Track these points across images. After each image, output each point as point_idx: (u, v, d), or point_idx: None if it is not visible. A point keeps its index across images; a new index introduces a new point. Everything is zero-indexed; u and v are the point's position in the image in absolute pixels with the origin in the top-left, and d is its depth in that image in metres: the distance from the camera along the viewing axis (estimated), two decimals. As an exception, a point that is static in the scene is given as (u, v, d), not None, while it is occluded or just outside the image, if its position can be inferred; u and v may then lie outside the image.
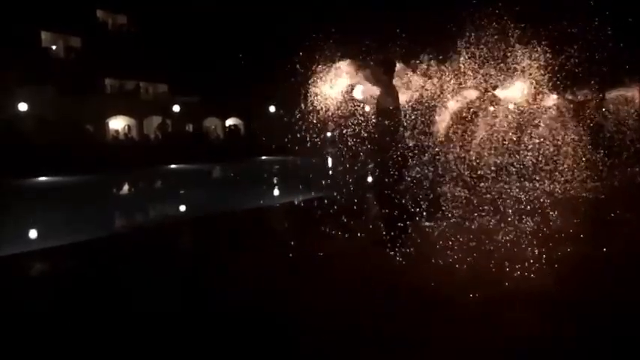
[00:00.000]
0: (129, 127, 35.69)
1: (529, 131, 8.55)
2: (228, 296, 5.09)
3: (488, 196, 8.30)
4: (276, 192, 18.08)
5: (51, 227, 11.89)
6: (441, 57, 7.30)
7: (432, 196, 7.69)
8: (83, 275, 6.41)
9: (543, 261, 5.36)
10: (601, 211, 8.07)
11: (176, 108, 37.38)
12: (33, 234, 11.61)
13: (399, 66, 6.89)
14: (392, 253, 5.83)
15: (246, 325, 4.28)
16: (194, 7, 35.26)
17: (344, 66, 7.30)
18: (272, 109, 41.99)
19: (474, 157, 8.37)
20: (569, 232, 6.52)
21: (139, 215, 14.90)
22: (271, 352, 3.82)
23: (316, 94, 7.47)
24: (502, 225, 6.89)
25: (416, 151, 7.15)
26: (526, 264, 5.22)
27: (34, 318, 4.85)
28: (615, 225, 7.17)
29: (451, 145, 8.31)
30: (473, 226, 7.06)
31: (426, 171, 7.82)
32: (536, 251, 5.70)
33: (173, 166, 30.11)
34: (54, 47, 33.06)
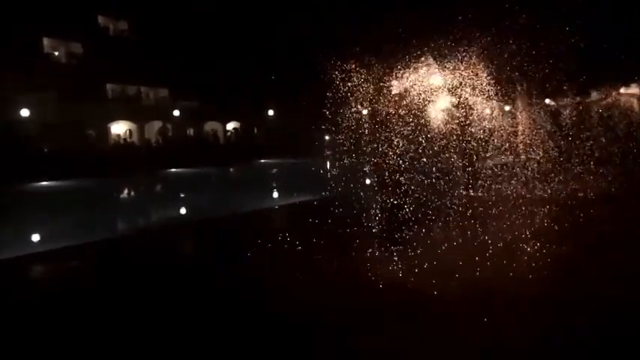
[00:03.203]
0: (130, 131, 35.94)
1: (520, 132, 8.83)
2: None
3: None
4: (276, 194, 18.25)
5: (55, 230, 12.05)
6: (438, 63, 7.50)
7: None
8: (86, 275, 6.61)
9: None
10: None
11: (177, 112, 37.62)
12: (37, 237, 11.79)
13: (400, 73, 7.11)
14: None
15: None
16: (194, 12, 35.51)
17: (345, 68, 7.49)
18: (271, 112, 42.20)
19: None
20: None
21: (143, 218, 15.09)
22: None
23: (316, 97, 7.66)
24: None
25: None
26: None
27: (39, 312, 5.05)
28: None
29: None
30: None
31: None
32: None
33: (174, 170, 30.29)
34: (56, 53, 33.30)
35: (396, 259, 5.90)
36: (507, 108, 10.18)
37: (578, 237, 6.74)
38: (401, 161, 7.44)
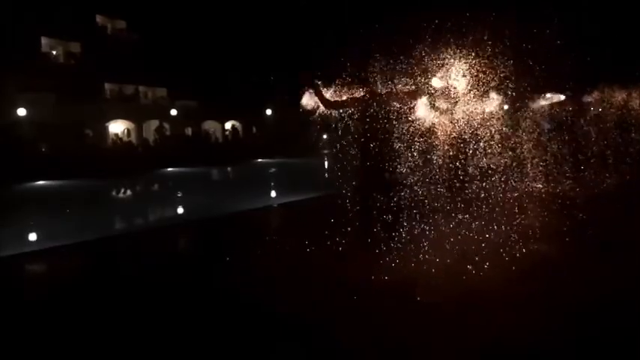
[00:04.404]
0: (128, 130, 35.90)
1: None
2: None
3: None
4: (274, 193, 18.27)
5: (49, 230, 12.04)
6: (431, 65, 7.48)
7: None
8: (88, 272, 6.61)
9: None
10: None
11: (174, 112, 37.61)
12: (36, 236, 11.78)
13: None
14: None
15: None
16: (193, 10, 35.52)
17: (342, 69, 7.50)
18: (270, 111, 42.18)
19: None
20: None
21: (138, 219, 15.10)
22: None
23: (313, 98, 7.66)
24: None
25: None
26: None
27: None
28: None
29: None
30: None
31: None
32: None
33: (171, 169, 30.21)
34: (54, 52, 33.27)
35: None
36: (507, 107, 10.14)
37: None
38: (400, 161, 7.41)
